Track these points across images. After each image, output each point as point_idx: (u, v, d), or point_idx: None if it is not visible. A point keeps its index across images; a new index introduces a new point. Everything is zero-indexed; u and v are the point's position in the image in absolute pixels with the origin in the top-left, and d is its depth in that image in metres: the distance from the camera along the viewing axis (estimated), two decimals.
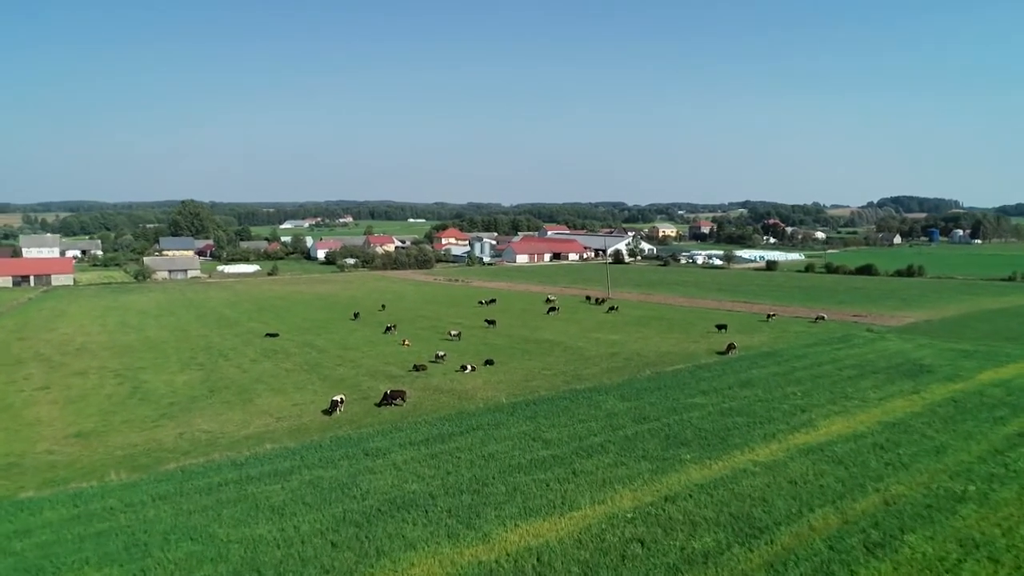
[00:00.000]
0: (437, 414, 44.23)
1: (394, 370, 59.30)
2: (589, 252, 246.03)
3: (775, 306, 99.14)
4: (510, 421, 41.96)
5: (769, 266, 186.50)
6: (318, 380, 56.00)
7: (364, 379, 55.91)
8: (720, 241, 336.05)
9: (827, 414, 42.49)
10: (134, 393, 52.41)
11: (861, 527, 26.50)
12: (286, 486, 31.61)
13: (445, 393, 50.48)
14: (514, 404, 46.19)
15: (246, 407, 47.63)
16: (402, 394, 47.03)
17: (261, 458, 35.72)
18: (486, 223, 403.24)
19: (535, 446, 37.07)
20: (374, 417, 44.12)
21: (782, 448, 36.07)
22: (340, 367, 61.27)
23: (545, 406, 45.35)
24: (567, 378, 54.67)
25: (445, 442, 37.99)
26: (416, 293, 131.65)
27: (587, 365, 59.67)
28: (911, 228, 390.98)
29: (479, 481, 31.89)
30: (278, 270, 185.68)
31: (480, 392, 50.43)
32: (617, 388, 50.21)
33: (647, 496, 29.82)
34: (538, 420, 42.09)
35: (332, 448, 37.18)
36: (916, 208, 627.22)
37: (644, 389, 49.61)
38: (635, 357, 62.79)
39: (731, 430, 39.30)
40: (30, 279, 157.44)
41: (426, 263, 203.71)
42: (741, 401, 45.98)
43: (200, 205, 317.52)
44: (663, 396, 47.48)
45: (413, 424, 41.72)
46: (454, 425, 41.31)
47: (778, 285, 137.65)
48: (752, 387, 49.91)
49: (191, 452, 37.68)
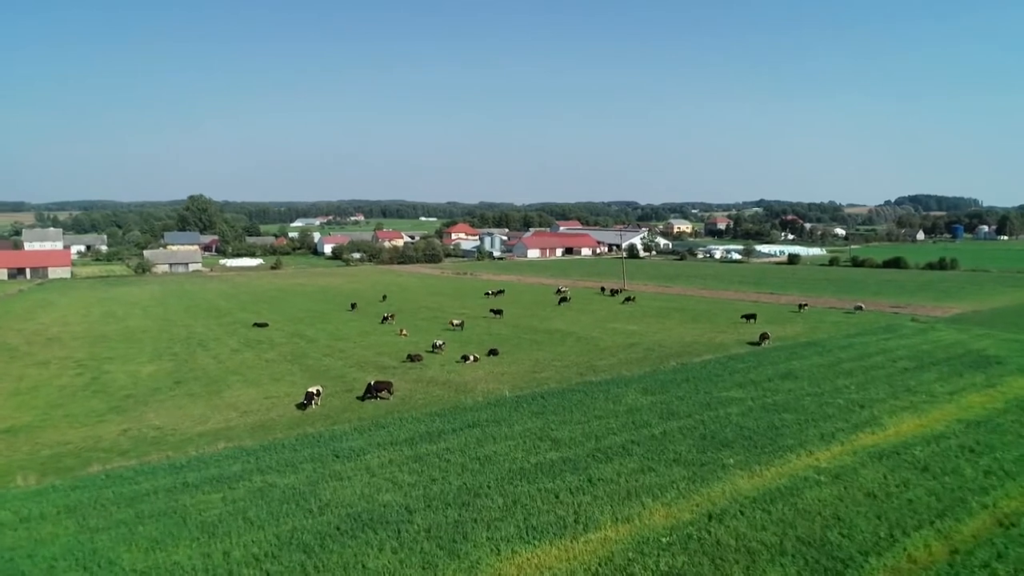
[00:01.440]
0: (428, 409, 37.75)
1: (386, 361, 52.93)
2: (602, 247, 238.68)
3: (805, 297, 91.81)
4: (513, 417, 35.39)
5: (791, 260, 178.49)
6: (299, 371, 49.74)
7: (351, 370, 49.57)
8: (737, 237, 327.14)
9: (892, 410, 35.54)
10: (90, 385, 46.35)
11: (980, 559, 19.68)
12: (228, 496, 25.22)
13: (440, 385, 44.00)
14: (519, 398, 39.61)
15: (210, 400, 41.39)
16: (388, 386, 40.59)
17: (207, 460, 29.37)
18: (497, 220, 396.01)
19: (542, 447, 30.48)
20: (354, 412, 37.71)
21: (846, 451, 29.23)
22: (327, 358, 55.01)
23: (555, 400, 38.75)
24: (580, 369, 48.03)
25: (434, 441, 31.48)
26: (421, 285, 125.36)
27: (603, 356, 52.99)
28: (934, 224, 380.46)
29: (470, 491, 25.35)
30: (281, 264, 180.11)
31: (480, 384, 43.89)
32: (638, 380, 43.48)
33: (684, 512, 23.15)
34: (546, 416, 35.50)
35: (296, 448, 30.78)
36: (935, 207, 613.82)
37: (670, 381, 42.86)
38: (656, 348, 56.03)
39: (780, 429, 32.50)
40: (26, 271, 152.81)
41: (434, 257, 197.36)
42: (786, 395, 39.12)
43: (207, 201, 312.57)
44: (693, 389, 40.72)
45: (398, 420, 35.24)
46: (447, 421, 34.79)
47: (803, 278, 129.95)
48: (796, 379, 43.02)
49: (129, 452, 31.44)
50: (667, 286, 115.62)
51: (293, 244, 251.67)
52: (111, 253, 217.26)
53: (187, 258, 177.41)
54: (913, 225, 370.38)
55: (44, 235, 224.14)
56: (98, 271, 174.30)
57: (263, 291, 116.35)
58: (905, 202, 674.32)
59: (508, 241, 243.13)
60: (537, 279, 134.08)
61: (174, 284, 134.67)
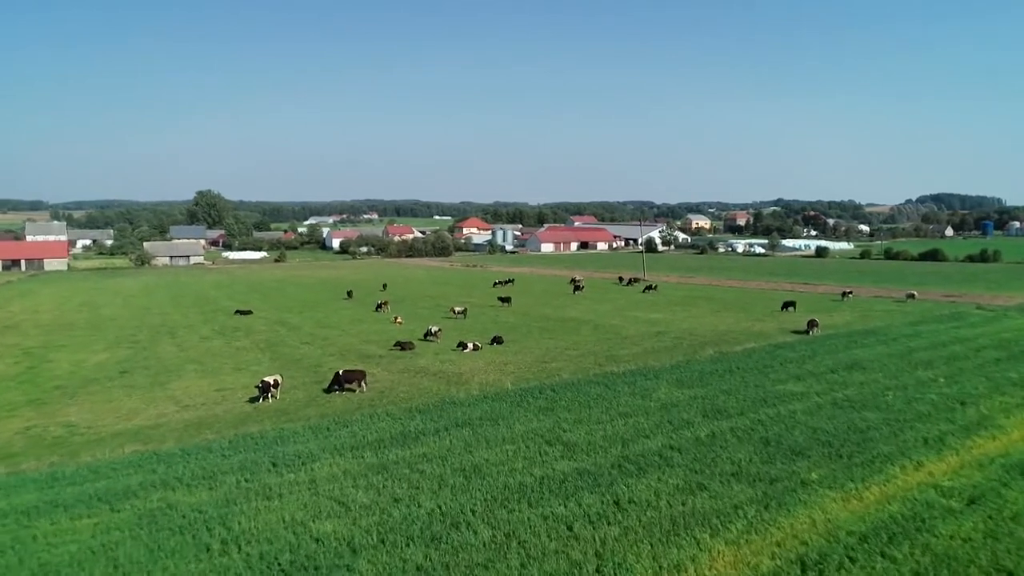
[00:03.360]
0: (409, 403, 30.25)
1: (372, 349, 45.55)
2: (619, 241, 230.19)
3: (845, 286, 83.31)
4: (515, 414, 27.78)
5: (819, 253, 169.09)
6: (269, 360, 42.47)
7: (329, 359, 42.21)
8: (757, 233, 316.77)
9: (1005, 408, 27.51)
10: (23, 374, 39.35)
11: None
12: (104, 522, 17.85)
13: (430, 376, 36.50)
14: (523, 391, 31.99)
15: (151, 392, 34.19)
16: (359, 376, 33.09)
17: (102, 468, 22.04)
18: (511, 216, 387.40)
19: (551, 453, 22.85)
20: (317, 407, 30.31)
21: (969, 462, 21.34)
22: (306, 345, 47.76)
23: (568, 394, 31.09)
24: (599, 359, 40.32)
25: (407, 445, 23.94)
26: (427, 276, 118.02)
27: (624, 344, 45.26)
28: (962, 221, 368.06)
29: (447, 517, 17.78)
30: (285, 257, 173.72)
31: (479, 376, 36.34)
32: (670, 371, 35.69)
33: (763, 557, 15.42)
34: (557, 413, 27.85)
35: (226, 453, 23.38)
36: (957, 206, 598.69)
37: (709, 372, 35.04)
38: (686, 336, 48.19)
39: (866, 432, 24.60)
40: (21, 263, 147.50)
41: (444, 251, 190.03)
42: (859, 388, 31.18)
43: (216, 196, 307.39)
44: (740, 382, 32.89)
45: (367, 418, 27.74)
46: (429, 419, 27.26)
47: (835, 270, 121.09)
48: (866, 370, 35.03)
49: (18, 455, 24.22)
50: (690, 276, 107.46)
51: (301, 239, 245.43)
52: (115, 247, 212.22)
53: (188, 251, 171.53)
54: (940, 221, 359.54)
55: (48, 229, 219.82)
56: (99, 264, 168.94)
57: (260, 282, 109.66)
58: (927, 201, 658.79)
59: (521, 235, 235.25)
60: (551, 271, 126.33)
61: (170, 275, 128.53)
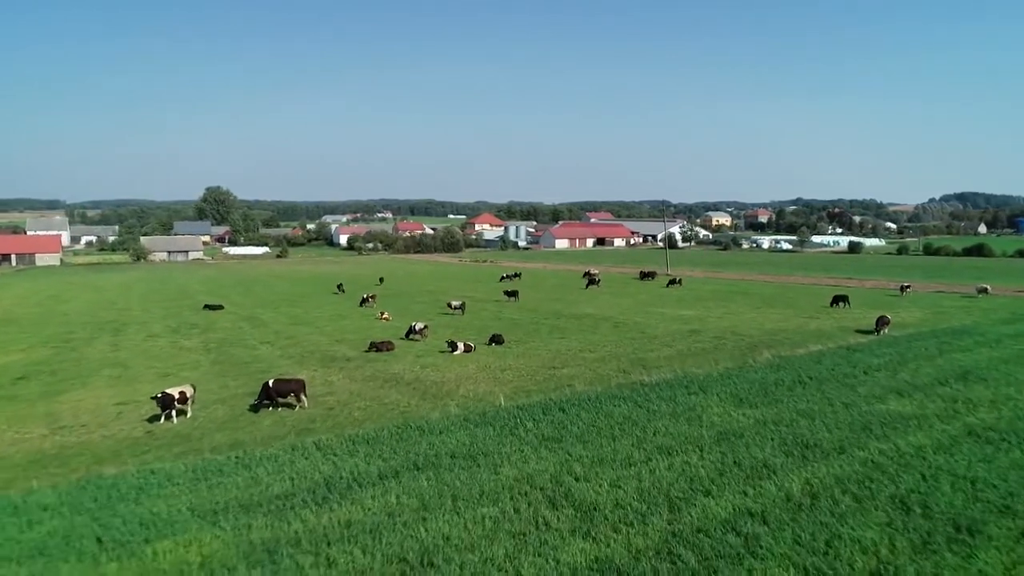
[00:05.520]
0: (359, 429, 21.61)
1: (342, 350, 37.07)
2: (637, 237, 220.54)
3: (898, 281, 73.74)
4: (506, 447, 19.05)
5: (852, 248, 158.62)
6: (209, 363, 34.15)
7: (284, 363, 33.80)
8: (780, 230, 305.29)
9: None
10: None
11: None
12: None
13: (402, 386, 27.90)
14: (521, 409, 23.23)
15: (31, 407, 25.91)
16: (296, 388, 24.48)
17: None
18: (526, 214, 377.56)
19: (554, 524, 14.06)
20: (230, 432, 21.80)
21: None
22: (265, 345, 39.42)
23: (583, 414, 22.30)
24: (622, 364, 31.52)
25: (327, 506, 15.25)
26: (432, 272, 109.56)
27: (653, 346, 36.39)
28: (994, 218, 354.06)
29: None
30: (288, 252, 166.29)
31: (465, 386, 27.69)
32: (721, 381, 26.77)
33: None
34: (566, 446, 19.08)
35: (34, 518, 14.85)
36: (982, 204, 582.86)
37: (774, 384, 26.09)
38: (729, 336, 39.20)
39: None
40: (11, 258, 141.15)
41: (454, 246, 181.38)
42: (995, 410, 22.08)
43: (225, 193, 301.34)
44: (819, 397, 23.92)
45: (289, 451, 19.12)
46: (377, 456, 18.59)
47: (873, 266, 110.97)
48: (987, 382, 25.90)
49: None
50: (717, 271, 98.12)
51: (309, 235, 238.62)
52: (116, 243, 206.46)
53: (187, 246, 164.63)
54: (972, 218, 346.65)
55: (49, 224, 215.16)
56: (96, 259, 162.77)
57: (252, 277, 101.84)
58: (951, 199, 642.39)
59: (535, 232, 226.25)
60: (564, 266, 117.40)
61: (162, 270, 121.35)
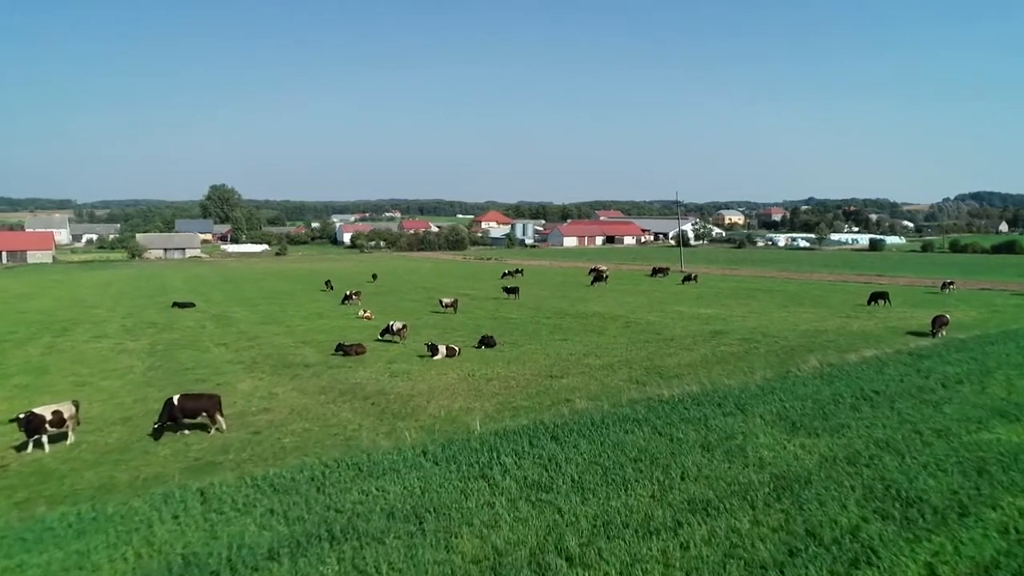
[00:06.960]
0: (272, 469, 16.01)
1: (305, 354, 31.60)
2: (648, 235, 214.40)
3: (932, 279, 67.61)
4: (468, 501, 13.43)
5: (873, 246, 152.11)
6: (146, 370, 28.80)
7: (229, 369, 28.38)
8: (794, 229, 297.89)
9: None
10: None
11: None
12: None
13: (359, 401, 22.36)
14: (500, 436, 17.56)
15: None
16: (209, 407, 18.88)
17: None
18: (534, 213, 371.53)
19: None
20: (107, 468, 16.30)
21: None
22: (220, 347, 34.07)
23: (584, 444, 16.63)
24: (635, 372, 25.84)
25: None
26: (433, 269, 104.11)
27: (671, 350, 30.69)
28: (1015, 216, 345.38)
29: None
30: (287, 250, 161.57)
31: (437, 401, 22.10)
32: (761, 398, 21.03)
33: None
34: (557, 497, 13.42)
35: None
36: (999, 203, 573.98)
37: (830, 401, 20.35)
38: (760, 338, 33.41)
39: None
40: (2, 255, 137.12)
41: (458, 244, 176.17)
42: None
43: (229, 191, 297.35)
44: (895, 419, 18.16)
45: (161, 506, 13.61)
46: (279, 519, 13.01)
47: (899, 263, 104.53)
48: None
49: None
50: (734, 268, 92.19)
51: (312, 233, 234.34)
52: (115, 240, 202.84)
53: (184, 243, 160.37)
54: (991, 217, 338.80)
55: (49, 222, 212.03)
56: (91, 257, 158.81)
57: (242, 274, 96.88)
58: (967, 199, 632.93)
59: (543, 230, 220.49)
60: (572, 263, 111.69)
61: (154, 268, 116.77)
